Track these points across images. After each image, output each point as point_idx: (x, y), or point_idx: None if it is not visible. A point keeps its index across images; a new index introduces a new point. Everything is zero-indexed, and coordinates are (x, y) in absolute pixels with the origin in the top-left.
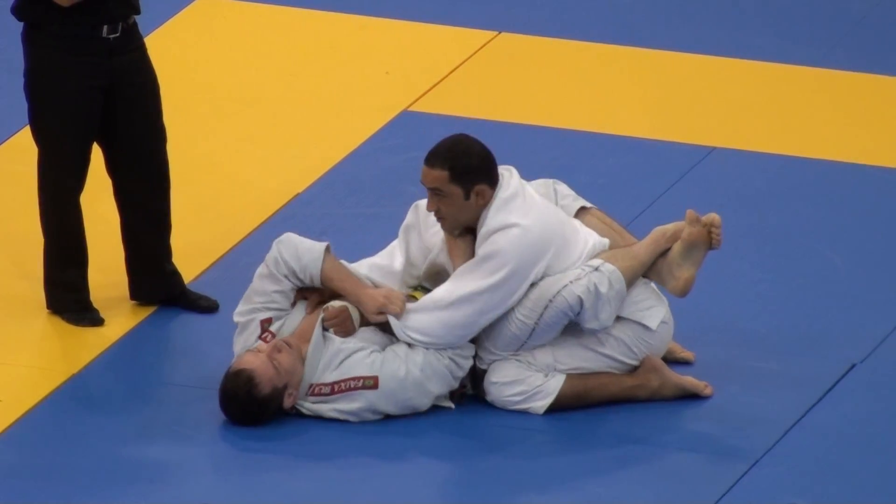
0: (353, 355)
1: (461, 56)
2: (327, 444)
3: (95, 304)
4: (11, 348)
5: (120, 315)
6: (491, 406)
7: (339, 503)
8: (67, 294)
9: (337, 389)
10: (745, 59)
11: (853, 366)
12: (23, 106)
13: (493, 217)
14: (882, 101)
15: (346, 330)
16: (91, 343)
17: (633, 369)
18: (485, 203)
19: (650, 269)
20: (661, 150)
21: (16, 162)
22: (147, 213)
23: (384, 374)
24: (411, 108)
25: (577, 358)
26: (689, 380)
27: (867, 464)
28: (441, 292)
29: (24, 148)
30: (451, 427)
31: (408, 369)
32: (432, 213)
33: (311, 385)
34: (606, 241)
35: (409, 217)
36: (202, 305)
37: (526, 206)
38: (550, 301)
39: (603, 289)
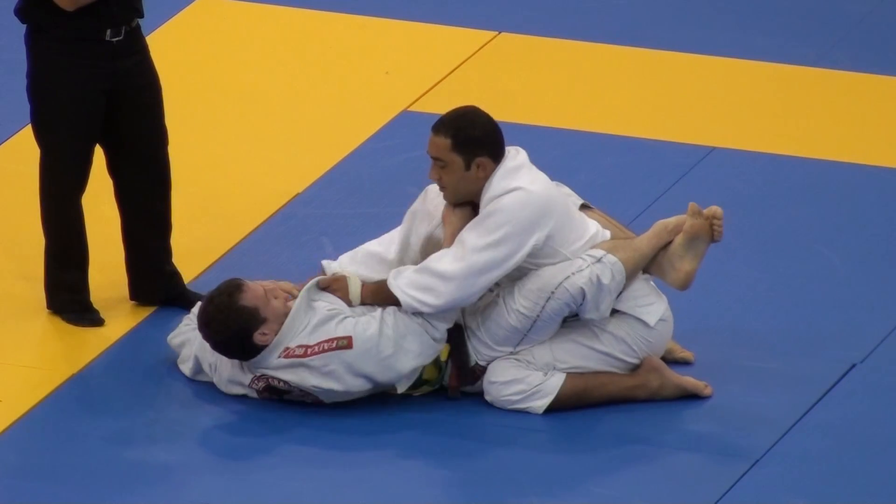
0: (328, 322)
1: (461, 56)
2: (326, 444)
3: (95, 305)
4: (11, 348)
5: (120, 315)
6: (490, 406)
7: (339, 503)
8: (68, 294)
9: (310, 352)
10: (745, 59)
11: (853, 366)
12: (24, 106)
13: (498, 184)
14: (882, 101)
15: (345, 295)
16: (91, 343)
17: (634, 368)
18: (486, 176)
19: (651, 263)
20: (661, 150)
21: (16, 162)
22: (148, 214)
23: (358, 334)
24: (411, 108)
25: (576, 356)
26: (688, 380)
27: (867, 464)
28: (440, 252)
29: (24, 148)
30: (451, 427)
31: (380, 328)
32: (437, 197)
33: (285, 348)
34: (608, 232)
35: (417, 202)
36: None
37: (532, 175)
38: (553, 293)
39: (605, 280)
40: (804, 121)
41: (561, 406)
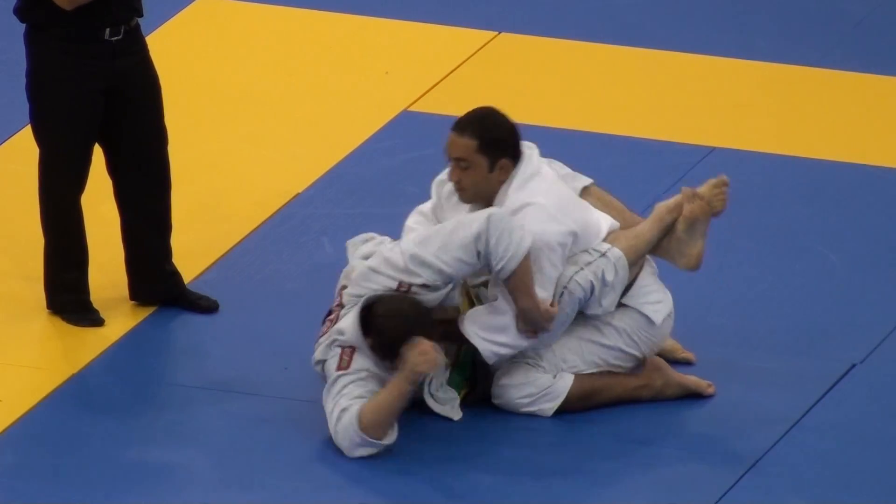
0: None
1: (461, 56)
2: (327, 444)
3: (95, 304)
4: (11, 348)
5: (120, 315)
6: (490, 406)
7: (339, 503)
8: (67, 294)
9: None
10: (745, 59)
11: (853, 366)
12: (23, 106)
13: (514, 196)
14: (882, 101)
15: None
16: (91, 343)
17: (636, 361)
18: (505, 178)
19: (659, 248)
20: (661, 150)
21: (16, 162)
22: (147, 214)
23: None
24: (411, 108)
25: (580, 353)
26: (692, 379)
27: (867, 464)
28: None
29: (24, 148)
30: (451, 427)
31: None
32: (450, 194)
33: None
34: (617, 224)
35: (434, 197)
36: (202, 305)
37: (545, 185)
38: (566, 288)
39: (609, 276)
40: (804, 121)
41: (569, 408)
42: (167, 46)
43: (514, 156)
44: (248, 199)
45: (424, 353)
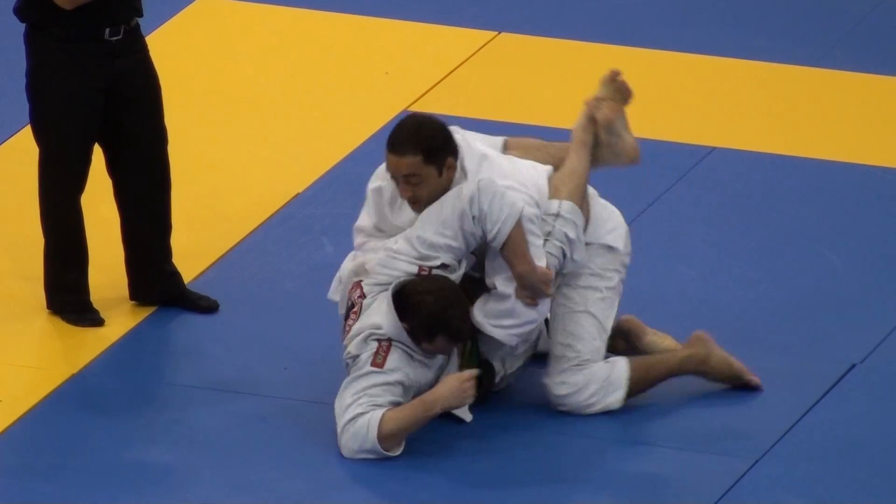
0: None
1: (461, 56)
2: (326, 444)
3: (95, 304)
4: (11, 348)
5: (120, 315)
6: (489, 405)
7: (339, 503)
8: (67, 294)
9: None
10: (745, 59)
11: (853, 366)
12: (23, 106)
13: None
14: (882, 101)
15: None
16: (91, 343)
17: (621, 284)
18: (454, 173)
19: (595, 162)
20: (661, 150)
21: (16, 162)
22: (147, 214)
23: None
24: (411, 109)
25: (595, 317)
26: (737, 362)
27: (867, 464)
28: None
29: (24, 148)
30: (450, 426)
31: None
32: (393, 198)
33: (376, 351)
34: (549, 167)
35: (372, 209)
36: (202, 305)
37: (494, 167)
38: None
39: (572, 234)
40: (804, 121)
41: (631, 394)
42: (167, 46)
43: (454, 151)
44: (248, 199)
45: (463, 390)
